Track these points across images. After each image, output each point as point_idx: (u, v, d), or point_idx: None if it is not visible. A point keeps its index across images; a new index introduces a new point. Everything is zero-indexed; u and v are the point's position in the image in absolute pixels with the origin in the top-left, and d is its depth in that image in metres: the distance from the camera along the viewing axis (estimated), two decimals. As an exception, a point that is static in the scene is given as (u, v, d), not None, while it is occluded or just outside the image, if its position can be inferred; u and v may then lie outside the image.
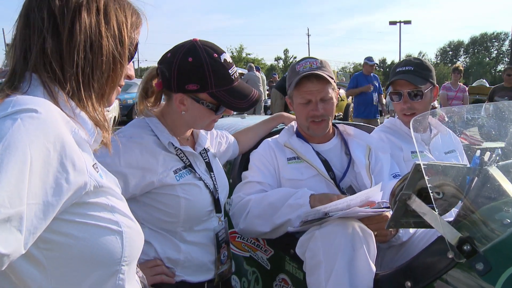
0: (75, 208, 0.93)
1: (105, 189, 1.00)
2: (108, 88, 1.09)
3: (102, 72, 1.05)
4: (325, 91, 2.19)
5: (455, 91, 9.17)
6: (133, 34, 1.15)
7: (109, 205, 1.00)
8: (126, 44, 1.10)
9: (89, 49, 1.02)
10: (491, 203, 1.45)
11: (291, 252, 1.99)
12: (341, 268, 1.61)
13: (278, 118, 2.64)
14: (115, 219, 1.00)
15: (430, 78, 2.53)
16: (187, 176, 1.79)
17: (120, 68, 1.10)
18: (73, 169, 0.88)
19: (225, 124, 3.02)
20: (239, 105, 1.74)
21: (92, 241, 0.96)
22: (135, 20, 1.15)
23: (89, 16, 1.02)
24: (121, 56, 1.09)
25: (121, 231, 1.01)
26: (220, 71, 1.69)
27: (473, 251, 1.30)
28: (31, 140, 0.81)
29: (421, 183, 1.41)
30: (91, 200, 0.96)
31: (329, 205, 1.79)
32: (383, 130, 2.65)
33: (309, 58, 2.28)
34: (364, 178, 2.21)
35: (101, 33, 1.04)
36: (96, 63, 1.04)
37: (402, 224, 1.52)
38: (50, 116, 0.87)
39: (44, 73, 0.99)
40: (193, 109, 1.75)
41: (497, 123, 1.87)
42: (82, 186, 0.91)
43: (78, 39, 1.00)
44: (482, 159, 1.47)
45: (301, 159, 2.24)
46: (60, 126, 0.88)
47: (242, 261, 2.52)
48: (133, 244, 1.05)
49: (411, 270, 1.55)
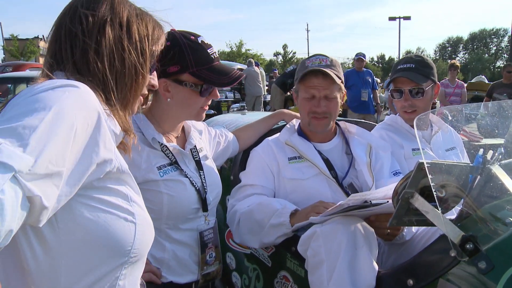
0: (96, 192, 0.97)
1: (125, 178, 1.05)
2: (131, 98, 1.18)
3: (125, 83, 1.14)
4: (330, 89, 2.19)
5: (453, 88, 9.18)
6: (154, 46, 1.23)
7: (128, 195, 1.05)
8: (147, 56, 1.19)
9: (113, 61, 1.11)
10: (493, 202, 1.45)
11: (293, 249, 1.99)
12: (343, 267, 1.61)
13: (279, 115, 2.63)
14: (132, 210, 1.04)
15: (431, 76, 2.53)
16: (172, 172, 1.79)
17: (142, 79, 1.19)
18: (103, 144, 0.95)
19: (225, 121, 3.02)
20: (221, 80, 1.78)
21: (106, 228, 0.98)
22: (156, 33, 1.24)
23: (113, 32, 1.12)
24: (142, 67, 1.17)
25: (134, 223, 1.04)
26: (199, 50, 1.74)
27: (476, 250, 1.30)
28: (77, 110, 0.90)
29: (424, 182, 1.41)
30: (111, 186, 1.01)
31: (369, 192, 1.81)
32: (384, 128, 2.65)
33: (320, 55, 2.28)
34: (365, 175, 2.21)
35: (124, 46, 1.13)
36: (119, 74, 1.13)
37: (405, 222, 1.52)
38: (89, 94, 0.96)
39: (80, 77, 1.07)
40: (177, 94, 1.77)
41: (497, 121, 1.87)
42: (108, 163, 0.97)
43: (104, 52, 1.09)
44: (485, 158, 1.47)
45: (302, 158, 2.23)
46: (98, 104, 0.97)
47: (243, 258, 2.52)
48: (143, 238, 1.07)
49: (413, 268, 1.55)
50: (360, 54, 9.08)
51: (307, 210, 1.95)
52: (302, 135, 2.34)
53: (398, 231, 1.93)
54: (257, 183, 2.19)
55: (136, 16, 1.18)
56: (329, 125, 2.28)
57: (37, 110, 0.84)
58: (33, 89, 0.91)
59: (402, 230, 1.95)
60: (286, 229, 1.95)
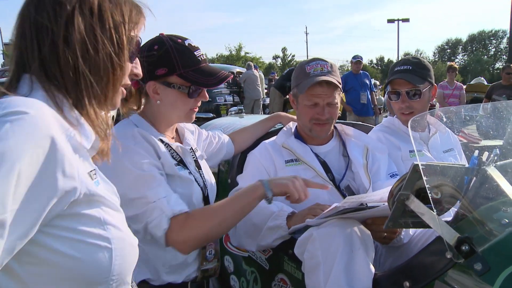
0: (64, 221, 0.89)
1: (98, 198, 0.96)
2: (110, 92, 1.06)
3: (101, 77, 1.02)
4: (333, 96, 2.20)
5: (452, 89, 9.21)
6: (133, 32, 1.10)
7: (101, 218, 0.96)
8: (124, 45, 1.06)
9: (85, 54, 0.98)
10: (489, 203, 1.44)
11: (290, 252, 1.99)
12: (339, 269, 1.60)
13: (276, 118, 2.63)
14: (106, 235, 0.96)
15: (429, 77, 2.53)
16: (182, 171, 1.81)
17: (120, 70, 1.06)
18: (61, 174, 0.85)
19: (223, 124, 3.02)
20: (208, 81, 1.78)
21: (79, 258, 0.91)
22: (134, 16, 1.10)
23: (84, 21, 0.99)
24: (119, 58, 1.05)
25: (110, 249, 0.96)
26: (185, 52, 1.76)
27: (472, 251, 1.30)
28: (20, 145, 0.78)
29: (419, 183, 1.40)
30: (82, 211, 0.92)
31: (365, 195, 1.81)
32: (381, 130, 2.65)
33: (319, 60, 2.27)
34: (362, 177, 2.21)
35: (96, 36, 1.00)
36: (93, 68, 1.00)
37: (401, 224, 1.51)
38: (41, 119, 0.84)
39: (45, 80, 0.97)
40: (166, 96, 1.78)
41: (495, 122, 1.87)
42: (71, 192, 0.87)
43: (73, 45, 0.97)
44: (480, 159, 1.47)
45: (299, 161, 2.24)
46: (52, 129, 0.85)
47: (241, 261, 2.52)
48: (123, 262, 1.00)
49: (409, 270, 1.54)
50: (357, 56, 9.07)
51: (303, 212, 1.95)
52: (299, 137, 2.34)
53: (395, 234, 1.92)
54: None
55: (109, 1, 1.04)
56: (330, 129, 2.30)
57: None
58: None
59: (399, 233, 1.95)
60: (283, 231, 1.95)
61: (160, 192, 1.65)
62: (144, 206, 1.63)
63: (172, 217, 1.64)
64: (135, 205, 1.63)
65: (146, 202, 1.63)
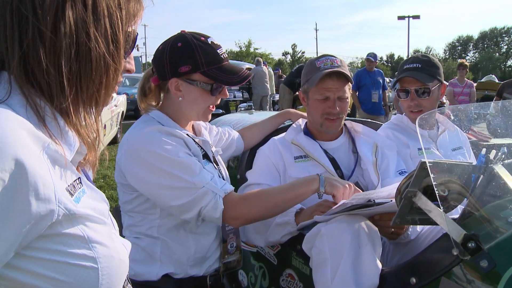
0: (44, 242, 0.79)
1: (80, 215, 0.85)
2: (101, 95, 0.93)
3: (93, 80, 0.89)
4: (343, 90, 2.22)
5: (462, 87, 9.15)
6: (130, 27, 0.97)
7: (85, 237, 0.85)
8: (121, 43, 0.93)
9: (76, 54, 0.85)
10: (496, 201, 1.45)
11: (298, 248, 2.01)
12: (347, 265, 1.62)
13: (285, 115, 2.65)
14: (91, 254, 0.86)
15: (438, 76, 2.53)
16: (208, 164, 1.85)
17: (114, 71, 0.93)
18: (35, 198, 0.74)
19: (232, 120, 3.04)
20: (231, 79, 1.81)
21: (63, 281, 0.82)
22: (133, 7, 0.97)
23: (75, 14, 0.84)
24: (114, 58, 0.92)
25: (96, 268, 0.87)
26: (209, 50, 1.78)
27: (478, 248, 1.31)
28: None
29: (427, 181, 1.41)
30: (64, 231, 0.82)
31: (373, 192, 1.83)
32: (390, 127, 2.66)
33: (329, 55, 2.29)
34: (371, 174, 2.23)
35: (89, 33, 0.86)
36: (84, 70, 0.87)
37: (408, 221, 1.53)
38: (5, 139, 0.72)
39: (25, 84, 0.83)
40: (189, 93, 1.80)
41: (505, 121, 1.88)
42: (47, 216, 0.77)
43: (63, 43, 0.83)
44: (487, 157, 1.48)
45: (308, 157, 2.25)
46: (19, 148, 0.73)
47: (249, 256, 2.54)
48: (111, 279, 0.91)
49: (416, 267, 1.56)
50: (370, 54, 8.92)
51: (311, 208, 1.97)
52: (308, 134, 2.35)
53: (402, 230, 1.94)
54: (263, 182, 2.21)
55: None
56: (340, 125, 2.31)
57: None
58: None
59: (406, 229, 1.97)
60: (291, 227, 1.97)
61: (205, 176, 1.71)
62: (194, 193, 1.68)
63: (224, 196, 1.72)
64: (184, 194, 1.68)
65: (195, 189, 1.68)
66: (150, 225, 1.82)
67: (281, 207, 1.84)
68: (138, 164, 1.71)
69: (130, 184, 1.76)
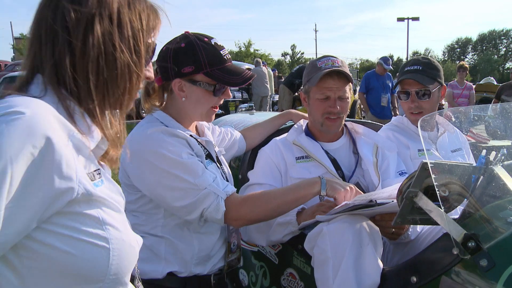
0: (62, 219, 0.90)
1: (97, 199, 0.96)
2: (125, 99, 1.06)
3: (118, 85, 1.02)
4: (344, 90, 2.24)
5: (461, 89, 9.18)
6: (150, 38, 1.10)
7: (100, 218, 0.96)
8: (142, 53, 1.06)
9: (104, 63, 0.98)
10: (496, 202, 1.48)
11: (299, 247, 2.03)
12: (348, 264, 1.64)
13: (287, 115, 2.67)
14: (104, 234, 0.96)
15: (438, 78, 2.56)
16: (211, 164, 1.87)
17: (136, 78, 1.06)
18: (58, 174, 0.85)
19: (233, 121, 3.06)
20: (234, 80, 1.83)
21: (76, 255, 0.91)
22: (152, 21, 1.10)
23: (102, 28, 0.98)
24: (136, 66, 1.05)
25: (108, 248, 0.96)
26: (212, 51, 1.80)
27: (478, 248, 1.34)
28: (14, 146, 0.79)
29: (428, 181, 1.44)
30: (81, 211, 0.92)
31: (374, 192, 1.86)
32: (391, 129, 2.68)
33: (330, 56, 2.31)
34: (372, 175, 2.25)
35: (115, 44, 0.99)
36: (110, 77, 1.00)
37: (409, 221, 1.55)
38: (37, 119, 0.84)
39: (57, 87, 0.97)
40: (192, 93, 1.82)
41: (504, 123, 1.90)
42: (67, 193, 0.88)
43: (91, 53, 0.96)
44: (487, 159, 1.50)
45: (310, 158, 2.27)
46: (48, 129, 0.85)
47: (250, 256, 2.56)
48: (121, 262, 1.00)
49: (416, 266, 1.58)
50: (383, 58, 8.60)
51: (313, 208, 1.99)
52: (310, 135, 2.37)
53: (403, 230, 1.96)
54: (264, 182, 2.23)
55: (128, 6, 1.03)
56: (341, 125, 2.33)
57: None
58: None
59: (406, 229, 1.99)
60: (293, 227, 1.99)
61: (208, 177, 1.73)
62: (196, 194, 1.71)
63: (226, 198, 1.75)
64: (187, 195, 1.71)
65: (197, 190, 1.71)
66: (154, 225, 1.84)
67: (282, 209, 1.86)
68: (141, 165, 1.73)
69: (134, 184, 1.78)
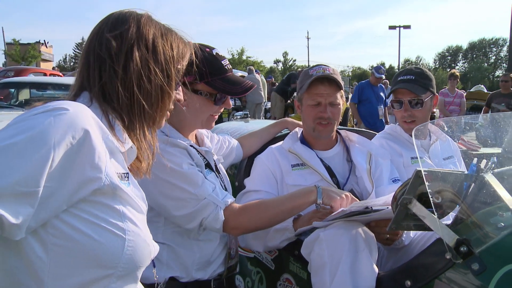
0: (87, 206, 1.01)
1: (122, 195, 1.08)
2: (158, 116, 1.22)
3: (152, 103, 1.18)
4: (334, 96, 2.29)
5: (453, 97, 9.27)
6: (180, 64, 1.26)
7: (121, 211, 1.07)
8: (173, 76, 1.23)
9: (140, 83, 1.15)
10: (486, 208, 1.53)
11: (295, 253, 2.07)
12: (345, 269, 1.69)
13: (282, 124, 2.72)
14: (122, 226, 1.07)
15: (431, 87, 2.62)
16: (210, 174, 1.90)
17: (168, 98, 1.23)
18: (89, 163, 0.99)
19: (229, 128, 3.10)
20: (234, 90, 1.87)
21: (95, 239, 1.02)
22: (181, 50, 1.27)
23: (140, 54, 1.15)
24: (169, 87, 1.21)
25: (124, 238, 1.06)
26: (213, 61, 1.85)
27: (469, 252, 1.39)
28: (59, 134, 0.94)
29: (422, 188, 1.49)
30: (105, 202, 1.04)
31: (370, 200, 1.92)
32: (384, 137, 2.74)
33: (322, 65, 2.37)
34: (365, 182, 2.30)
35: (150, 68, 1.16)
36: (146, 95, 1.16)
37: (403, 227, 1.60)
38: (79, 115, 0.99)
39: (102, 102, 1.14)
40: (192, 102, 1.85)
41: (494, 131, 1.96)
42: (95, 181, 1.00)
43: (131, 76, 1.14)
44: (478, 166, 1.56)
45: (305, 165, 2.31)
46: (87, 124, 0.99)
47: (246, 262, 2.59)
48: (134, 254, 1.09)
49: (410, 270, 1.63)
50: (376, 68, 8.42)
51: (309, 215, 2.03)
52: (305, 143, 2.42)
53: (397, 236, 2.01)
54: (261, 189, 2.27)
55: (161, 37, 1.21)
56: (332, 131, 2.37)
57: (15, 136, 0.92)
58: (28, 112, 0.99)
59: (400, 235, 2.04)
60: (290, 233, 2.03)
61: (207, 187, 1.77)
62: (196, 204, 1.75)
63: (225, 208, 1.78)
64: (187, 205, 1.75)
65: (197, 200, 1.75)
66: (155, 232, 1.86)
67: (279, 218, 1.90)
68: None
69: None
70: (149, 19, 1.23)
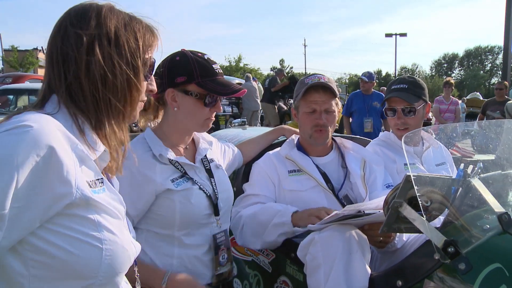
0: (62, 219, 1.01)
1: (95, 204, 1.06)
2: (128, 110, 1.19)
3: (119, 98, 1.15)
4: (329, 103, 2.37)
5: (448, 104, 9.36)
6: (147, 55, 1.21)
7: (96, 221, 1.06)
8: (140, 68, 1.18)
9: (105, 79, 1.11)
10: (473, 211, 1.60)
11: (292, 255, 2.14)
12: (338, 270, 1.76)
13: (279, 131, 2.79)
14: (99, 236, 1.06)
15: (423, 96, 2.71)
16: (184, 183, 1.93)
17: (136, 91, 1.18)
18: (58, 179, 0.97)
19: (228, 135, 3.16)
20: (224, 91, 1.93)
21: (72, 252, 1.01)
22: (148, 40, 1.21)
23: (102, 49, 1.11)
24: (136, 79, 1.17)
25: (101, 248, 1.06)
26: (204, 64, 1.92)
27: (457, 253, 1.46)
28: (21, 154, 0.92)
29: (412, 192, 1.56)
30: (80, 214, 1.03)
31: (363, 204, 1.98)
32: (378, 144, 2.81)
33: (317, 74, 2.47)
34: (359, 187, 2.37)
35: (114, 63, 1.12)
36: (112, 90, 1.13)
37: (394, 229, 1.67)
38: (43, 132, 0.97)
39: (70, 104, 1.11)
40: (184, 103, 1.92)
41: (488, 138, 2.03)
42: (66, 196, 0.99)
43: (94, 72, 1.10)
44: (465, 172, 1.63)
45: (301, 171, 2.38)
46: (52, 140, 0.97)
47: (243, 265, 2.64)
48: (113, 261, 1.09)
49: (401, 270, 1.71)
50: (365, 73, 7.41)
51: (309, 211, 2.11)
52: (301, 149, 2.49)
53: (390, 238, 2.08)
54: (260, 193, 2.35)
55: (124, 28, 1.16)
56: (328, 137, 2.44)
57: None
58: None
59: (393, 238, 2.11)
60: (288, 228, 2.11)
61: None
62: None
63: None
64: None
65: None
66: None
67: None
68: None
69: None
70: (110, 10, 1.16)
